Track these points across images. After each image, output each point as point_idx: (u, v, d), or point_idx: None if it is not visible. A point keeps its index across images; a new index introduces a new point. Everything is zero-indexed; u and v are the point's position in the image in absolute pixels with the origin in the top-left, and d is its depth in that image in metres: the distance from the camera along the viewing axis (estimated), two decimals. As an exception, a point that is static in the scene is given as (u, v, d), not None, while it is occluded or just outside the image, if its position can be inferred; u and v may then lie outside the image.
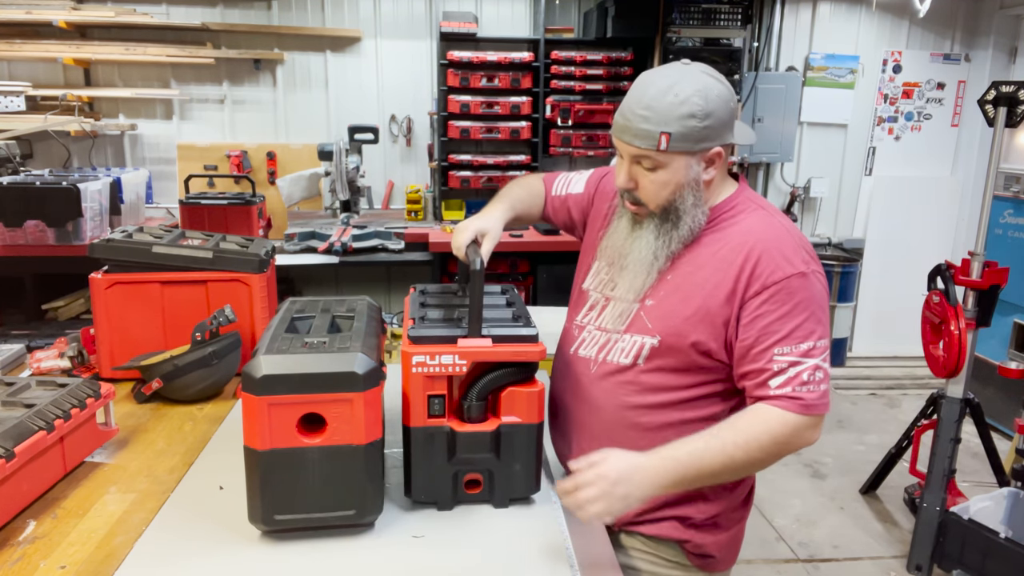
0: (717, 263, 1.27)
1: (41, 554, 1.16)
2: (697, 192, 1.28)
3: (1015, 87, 2.69)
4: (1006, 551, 2.46)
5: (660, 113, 1.21)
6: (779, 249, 1.24)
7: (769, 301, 1.23)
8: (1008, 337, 4.10)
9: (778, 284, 1.22)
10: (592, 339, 1.40)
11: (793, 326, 1.21)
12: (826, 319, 1.26)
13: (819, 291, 1.25)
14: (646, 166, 1.26)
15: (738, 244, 1.27)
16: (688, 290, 1.29)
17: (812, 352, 1.22)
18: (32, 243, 3.00)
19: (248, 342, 1.86)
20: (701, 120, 1.21)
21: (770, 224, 1.29)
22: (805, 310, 1.22)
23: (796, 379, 1.20)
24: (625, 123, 1.26)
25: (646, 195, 1.29)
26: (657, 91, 1.22)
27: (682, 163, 1.25)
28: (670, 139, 1.21)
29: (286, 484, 1.15)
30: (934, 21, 4.64)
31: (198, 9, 4.24)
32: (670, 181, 1.26)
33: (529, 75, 4.34)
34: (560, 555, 1.19)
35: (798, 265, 1.23)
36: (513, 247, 4.06)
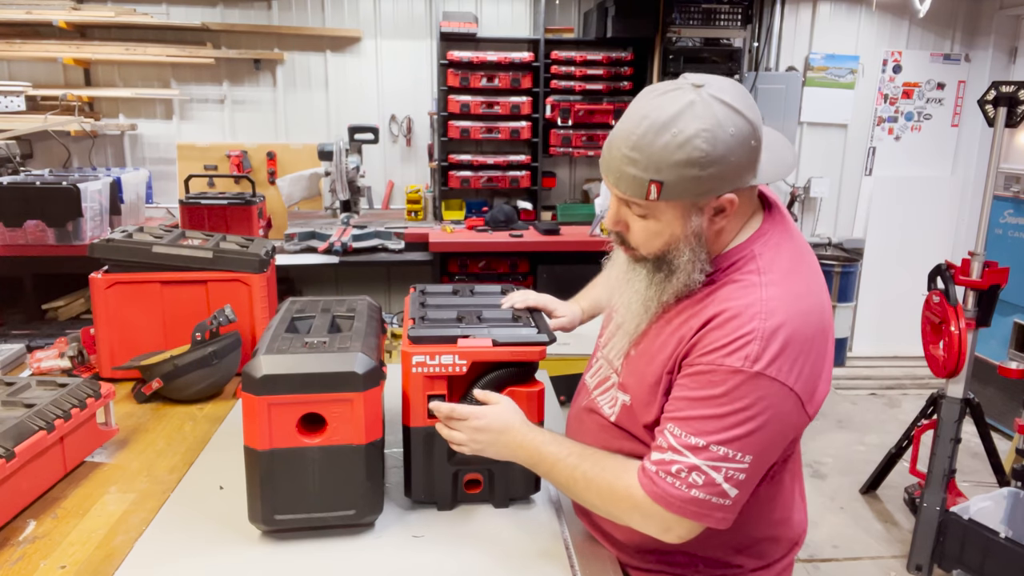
0: (683, 329, 1.07)
1: (41, 554, 1.16)
2: (697, 247, 1.05)
3: (1015, 87, 2.69)
4: (1006, 551, 2.46)
5: (651, 157, 0.98)
6: (730, 332, 1.00)
7: (691, 377, 1.03)
8: (1008, 337, 4.10)
9: (704, 365, 1.01)
10: (598, 369, 1.29)
11: (694, 414, 1.01)
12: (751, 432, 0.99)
13: (757, 398, 0.98)
14: (635, 212, 1.07)
15: (709, 311, 1.04)
16: (655, 352, 1.11)
17: (698, 451, 1.00)
18: (32, 243, 3.00)
19: (248, 342, 1.86)
20: (703, 168, 0.97)
21: (747, 302, 1.02)
22: (719, 407, 0.99)
23: (666, 465, 1.02)
24: (609, 161, 1.04)
25: (636, 241, 1.10)
26: (651, 128, 0.98)
27: (678, 213, 1.03)
28: (661, 189, 0.99)
29: (286, 484, 1.15)
30: (934, 21, 4.64)
31: (198, 9, 4.24)
32: (663, 232, 1.05)
33: (529, 75, 4.34)
34: (560, 555, 1.19)
35: (733, 360, 0.98)
36: (513, 247, 4.07)
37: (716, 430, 1.00)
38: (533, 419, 1.26)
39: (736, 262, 1.07)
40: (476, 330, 1.24)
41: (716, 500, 1.01)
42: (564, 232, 4.15)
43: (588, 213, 4.38)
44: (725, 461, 1.00)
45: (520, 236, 4.06)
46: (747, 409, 0.99)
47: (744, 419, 0.99)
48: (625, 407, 1.16)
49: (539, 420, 1.27)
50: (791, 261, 1.08)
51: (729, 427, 0.99)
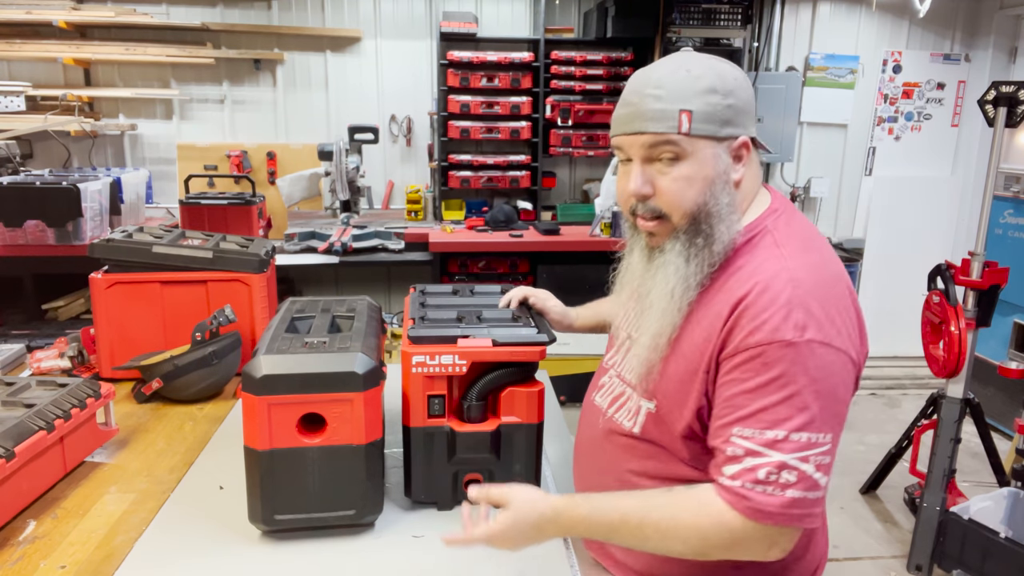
0: (713, 314, 1.01)
1: (41, 554, 1.16)
2: (730, 193, 1.02)
3: (1015, 87, 2.69)
4: (1006, 551, 2.46)
5: (674, 90, 0.99)
6: (767, 306, 0.95)
7: (739, 368, 0.96)
8: (1008, 337, 4.10)
9: (752, 350, 0.95)
10: (610, 387, 1.21)
11: (761, 406, 0.94)
12: (824, 407, 0.94)
13: (816, 368, 0.93)
14: (665, 158, 1.01)
15: (733, 292, 1.00)
16: (682, 347, 1.04)
17: (780, 444, 0.93)
18: (32, 243, 3.00)
19: (248, 342, 1.86)
20: (724, 96, 0.99)
21: (774, 272, 0.98)
22: (783, 388, 0.93)
23: (750, 473, 0.93)
24: (632, 110, 1.02)
25: (667, 200, 1.03)
26: (666, 71, 1.01)
27: (708, 152, 1.00)
28: (692, 118, 0.98)
29: (286, 484, 1.15)
30: (934, 21, 4.64)
31: (198, 9, 4.24)
32: (696, 175, 1.01)
33: (529, 75, 4.34)
34: (560, 555, 1.19)
35: (784, 332, 0.93)
36: (513, 247, 4.07)
37: (790, 415, 0.93)
38: (533, 419, 1.26)
39: (751, 238, 1.05)
40: (476, 330, 1.24)
41: (812, 495, 0.93)
42: (564, 232, 4.15)
43: (588, 213, 4.38)
44: (810, 448, 0.93)
45: (520, 236, 4.06)
46: (813, 383, 0.93)
47: (813, 395, 0.93)
48: (650, 415, 1.08)
49: (539, 420, 1.27)
50: (804, 236, 1.06)
51: (802, 408, 0.93)
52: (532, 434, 1.27)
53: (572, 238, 4.07)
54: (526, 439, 1.27)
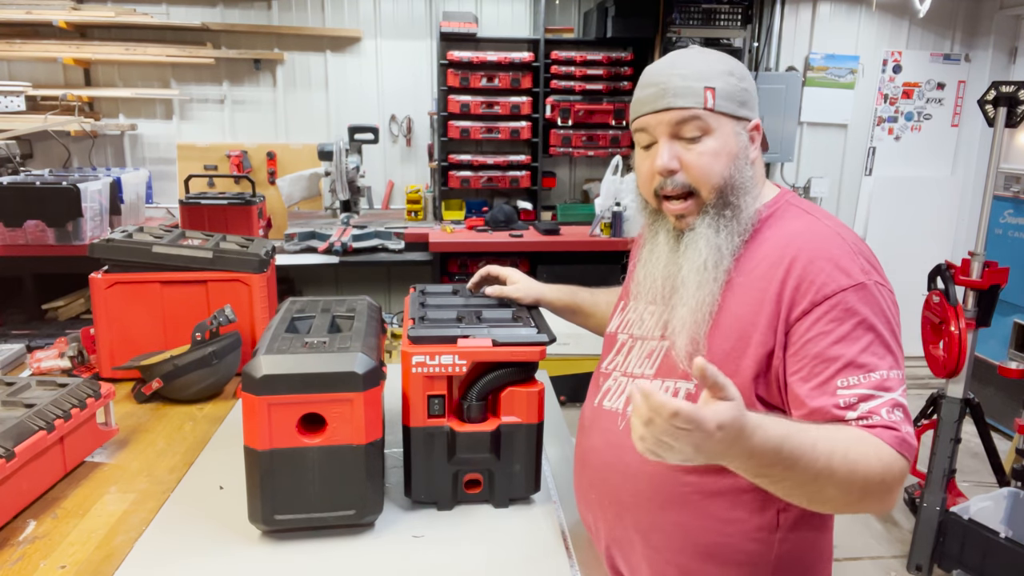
0: (754, 281, 1.02)
1: (41, 554, 1.16)
2: (751, 167, 1.07)
3: (1015, 87, 2.69)
4: (1006, 551, 2.46)
5: (698, 71, 1.04)
6: (829, 256, 0.99)
7: (822, 320, 0.96)
8: (1008, 337, 4.09)
9: (831, 300, 0.96)
10: (619, 387, 1.17)
11: (857, 350, 0.94)
12: (897, 343, 0.98)
13: (885, 307, 0.98)
14: (690, 135, 1.04)
15: (778, 257, 1.01)
16: (722, 316, 1.03)
17: (887, 384, 0.93)
18: (32, 243, 3.00)
19: (248, 342, 1.86)
20: (740, 80, 1.06)
21: (817, 229, 1.04)
22: (870, 330, 0.95)
23: (874, 412, 0.92)
24: (659, 89, 1.05)
25: (696, 173, 1.05)
26: (684, 56, 1.08)
27: (730, 128, 1.05)
28: (716, 95, 1.03)
29: (286, 484, 1.15)
30: (934, 21, 4.64)
31: (198, 9, 4.24)
32: (722, 150, 1.05)
33: (529, 75, 4.34)
34: (560, 555, 1.19)
35: (855, 275, 0.97)
36: (513, 247, 4.07)
37: (884, 354, 0.95)
38: (533, 419, 1.26)
39: (775, 211, 1.09)
40: (476, 330, 1.24)
41: (910, 427, 0.94)
42: (564, 232, 4.15)
43: (588, 213, 4.38)
44: (903, 383, 0.96)
45: (520, 236, 4.06)
46: (888, 322, 0.98)
47: (891, 332, 0.98)
48: (691, 396, 1.02)
49: (539, 420, 1.27)
50: (822, 210, 1.12)
51: (888, 346, 0.96)
52: (532, 434, 1.27)
53: (572, 238, 4.07)
54: (526, 439, 1.27)
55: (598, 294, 1.46)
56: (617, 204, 3.95)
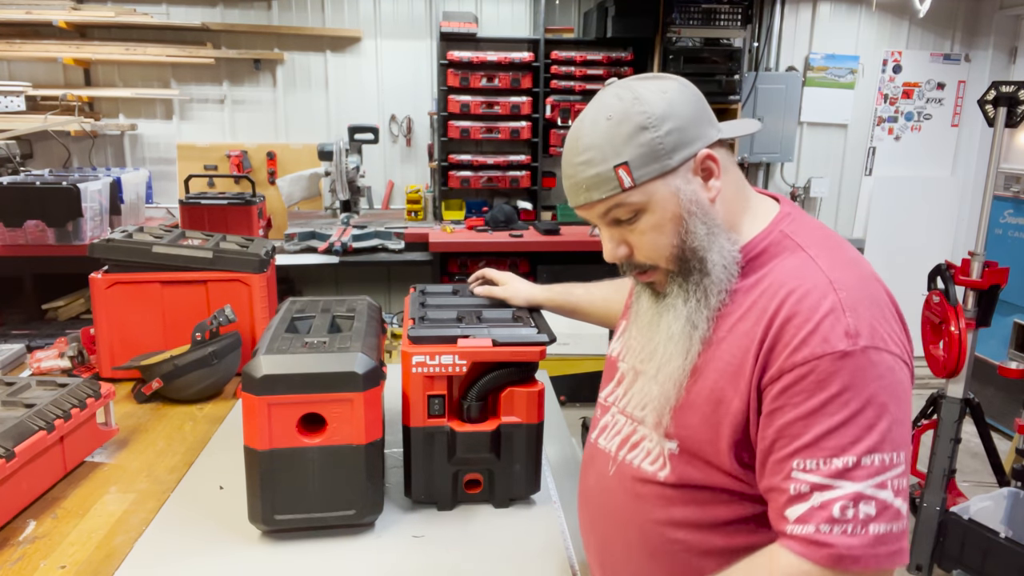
0: (738, 337, 0.90)
1: (41, 554, 1.16)
2: (707, 217, 0.93)
3: (1015, 87, 2.69)
4: (1006, 551, 2.46)
5: (602, 147, 0.91)
6: (809, 314, 0.84)
7: (789, 391, 0.83)
8: (1008, 337, 4.09)
9: (802, 368, 0.82)
10: (615, 426, 1.07)
11: (823, 430, 0.81)
12: (892, 421, 0.82)
13: (877, 378, 0.81)
14: (625, 219, 0.94)
15: (763, 309, 0.88)
16: (704, 376, 0.92)
17: (851, 472, 0.79)
18: (32, 243, 3.00)
19: (248, 342, 1.86)
20: (656, 129, 0.90)
21: (806, 275, 0.88)
22: (844, 407, 0.80)
23: (822, 512, 0.79)
24: (571, 183, 0.97)
25: (645, 254, 0.96)
26: (587, 127, 0.94)
27: (665, 191, 0.91)
28: (631, 169, 0.90)
29: (286, 484, 1.15)
30: (934, 21, 4.64)
31: (198, 9, 4.24)
32: (663, 220, 0.92)
33: (529, 75, 4.34)
34: (560, 555, 1.19)
35: (835, 340, 0.82)
36: (513, 247, 4.07)
37: (858, 437, 0.80)
38: (533, 419, 1.26)
39: (767, 248, 0.94)
40: (476, 330, 1.24)
41: (897, 527, 0.80)
42: (564, 232, 4.15)
43: (588, 213, 4.38)
44: (885, 471, 0.80)
45: (520, 236, 4.06)
46: (876, 396, 0.81)
47: (878, 409, 0.81)
48: (675, 457, 0.95)
49: (539, 420, 1.27)
50: (825, 235, 0.96)
51: (869, 427, 0.80)
52: (532, 434, 1.27)
53: (572, 238, 4.07)
54: (526, 439, 1.27)
55: (593, 289, 1.44)
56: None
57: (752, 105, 4.52)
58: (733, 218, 0.96)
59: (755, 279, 0.92)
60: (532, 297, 1.42)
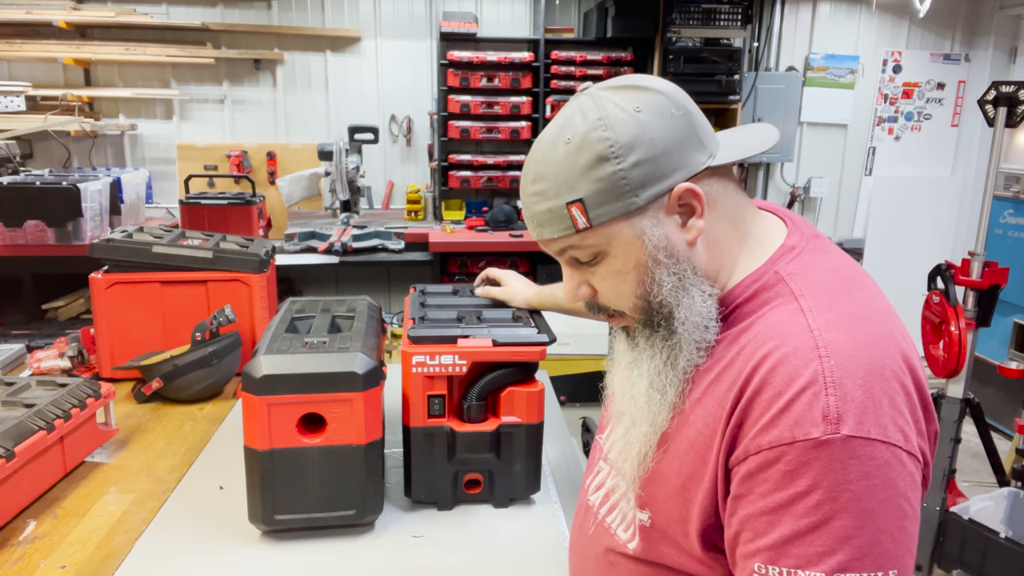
0: (711, 401, 0.75)
1: (41, 554, 1.16)
2: (677, 266, 0.77)
3: (1015, 87, 2.69)
4: (1006, 551, 2.46)
5: (556, 179, 0.76)
6: (784, 386, 0.68)
7: (754, 478, 0.69)
8: (1008, 337, 4.09)
9: (768, 452, 0.67)
10: (599, 475, 0.95)
11: (786, 534, 0.66)
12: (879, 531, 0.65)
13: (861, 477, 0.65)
14: (585, 261, 0.81)
15: (739, 369, 0.73)
16: (677, 444, 0.79)
17: None
18: (32, 243, 3.00)
19: (248, 342, 1.86)
20: (620, 160, 0.73)
21: (792, 333, 0.70)
22: (815, 510, 0.65)
23: None
24: (527, 214, 0.82)
25: (607, 299, 0.84)
26: (543, 150, 0.79)
27: (628, 233, 0.76)
28: (585, 207, 0.75)
29: (286, 484, 1.15)
30: (934, 21, 4.64)
31: (198, 9, 4.24)
32: (625, 267, 0.78)
33: (529, 75, 4.34)
34: (560, 555, 1.19)
35: (808, 425, 0.66)
36: (513, 247, 4.07)
37: (829, 548, 0.65)
38: (533, 419, 1.26)
39: (757, 292, 0.77)
40: (476, 330, 1.24)
41: None
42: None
43: (588, 213, 4.38)
44: None
45: (520, 236, 4.06)
46: (860, 499, 0.65)
47: (860, 516, 0.65)
48: (644, 529, 0.82)
49: (539, 420, 1.27)
50: (836, 279, 0.77)
51: (845, 538, 0.64)
52: (532, 434, 1.27)
53: (572, 238, 4.06)
54: (526, 439, 1.27)
55: None
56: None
57: (752, 105, 4.52)
58: (722, 259, 0.80)
59: (740, 329, 0.77)
60: (530, 298, 1.42)
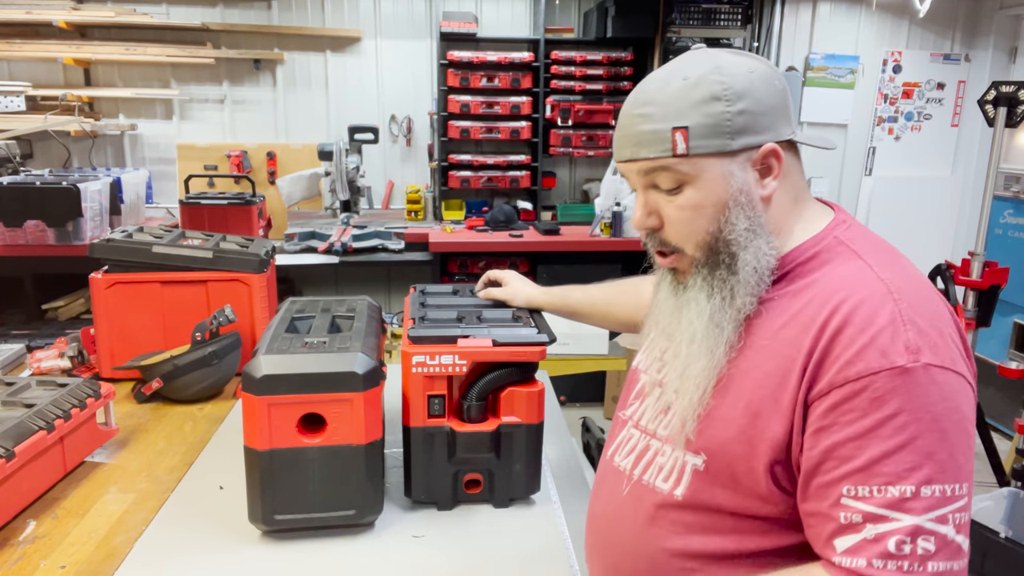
0: (780, 346, 0.82)
1: (41, 554, 1.16)
2: (752, 212, 0.85)
3: (1015, 87, 2.69)
4: (1006, 551, 2.46)
5: (667, 105, 0.84)
6: (866, 325, 0.76)
7: (839, 408, 0.76)
8: (1008, 337, 4.10)
9: (855, 383, 0.75)
10: (630, 442, 1.00)
11: (876, 454, 0.73)
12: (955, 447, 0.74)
13: (940, 400, 0.74)
14: (665, 187, 0.87)
15: (812, 315, 0.81)
16: (740, 386, 0.85)
17: (909, 503, 0.72)
18: (32, 243, 3.00)
19: (248, 342, 1.86)
20: (729, 103, 0.83)
21: (863, 283, 0.80)
22: (902, 430, 0.73)
23: (876, 546, 0.72)
24: (622, 134, 0.89)
25: (675, 232, 0.89)
26: (657, 82, 0.87)
27: (717, 171, 0.84)
28: (688, 135, 0.83)
29: (286, 484, 1.15)
30: (934, 21, 4.64)
31: (198, 9, 4.24)
32: (705, 201, 0.85)
33: (529, 75, 4.34)
34: (560, 555, 1.19)
35: (894, 355, 0.74)
36: (513, 247, 4.07)
37: (917, 464, 0.72)
38: (533, 419, 1.26)
39: (818, 253, 0.87)
40: (476, 330, 1.24)
41: (957, 566, 0.72)
42: (564, 232, 4.15)
43: (588, 213, 4.38)
44: (946, 504, 0.72)
45: (520, 236, 4.06)
46: (938, 420, 0.73)
47: (940, 434, 0.73)
48: (698, 474, 0.87)
49: (539, 420, 1.27)
50: (886, 249, 0.88)
51: (930, 453, 0.72)
52: (532, 434, 1.27)
53: (572, 238, 4.07)
54: (526, 439, 1.27)
55: (592, 291, 1.43)
56: (617, 204, 3.95)
57: (752, 105, 4.52)
58: (781, 224, 0.89)
59: (802, 285, 0.85)
60: (531, 299, 1.42)
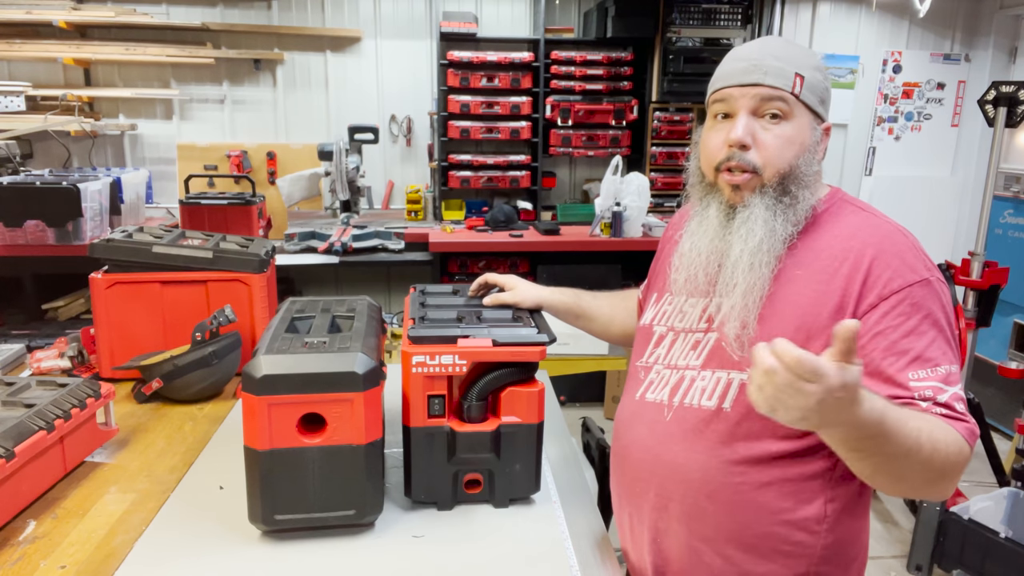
0: (814, 274, 1.05)
1: (41, 554, 1.16)
2: (817, 164, 1.09)
3: (1015, 87, 2.69)
4: (1006, 551, 2.46)
5: (791, 57, 1.07)
6: (895, 252, 1.03)
7: (891, 314, 0.99)
8: (1008, 337, 4.09)
9: (899, 294, 1.00)
10: (661, 380, 1.17)
11: (925, 344, 0.98)
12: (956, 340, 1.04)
13: (946, 304, 1.02)
14: (770, 114, 1.07)
15: (841, 250, 1.05)
16: (781, 308, 1.05)
17: (952, 379, 0.98)
18: (32, 243, 3.00)
19: (248, 342, 1.86)
20: (825, 78, 1.10)
21: (878, 224, 1.08)
22: (934, 325, 1.00)
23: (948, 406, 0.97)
24: (750, 64, 1.07)
25: (766, 154, 1.07)
26: (777, 43, 1.11)
27: (807, 120, 1.08)
28: (803, 83, 1.06)
29: (286, 484, 1.15)
30: (934, 21, 4.64)
31: (198, 9, 4.24)
32: (796, 138, 1.07)
33: (529, 75, 4.34)
34: (560, 555, 1.19)
35: (920, 270, 1.02)
36: (513, 247, 4.07)
37: (946, 349, 0.99)
38: (533, 419, 1.26)
39: (830, 207, 1.12)
40: (476, 330, 1.24)
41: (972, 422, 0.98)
42: (564, 232, 4.15)
43: (588, 213, 4.38)
44: (960, 379, 0.99)
45: (520, 236, 4.06)
46: (947, 317, 1.01)
47: (950, 328, 1.01)
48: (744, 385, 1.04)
49: (539, 420, 1.27)
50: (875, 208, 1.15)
51: (949, 341, 1.00)
52: (532, 434, 1.27)
53: (572, 238, 4.07)
54: (526, 439, 1.27)
55: (600, 298, 1.45)
56: (617, 204, 3.95)
57: (752, 105, 4.52)
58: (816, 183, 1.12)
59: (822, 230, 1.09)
60: (540, 298, 1.42)
